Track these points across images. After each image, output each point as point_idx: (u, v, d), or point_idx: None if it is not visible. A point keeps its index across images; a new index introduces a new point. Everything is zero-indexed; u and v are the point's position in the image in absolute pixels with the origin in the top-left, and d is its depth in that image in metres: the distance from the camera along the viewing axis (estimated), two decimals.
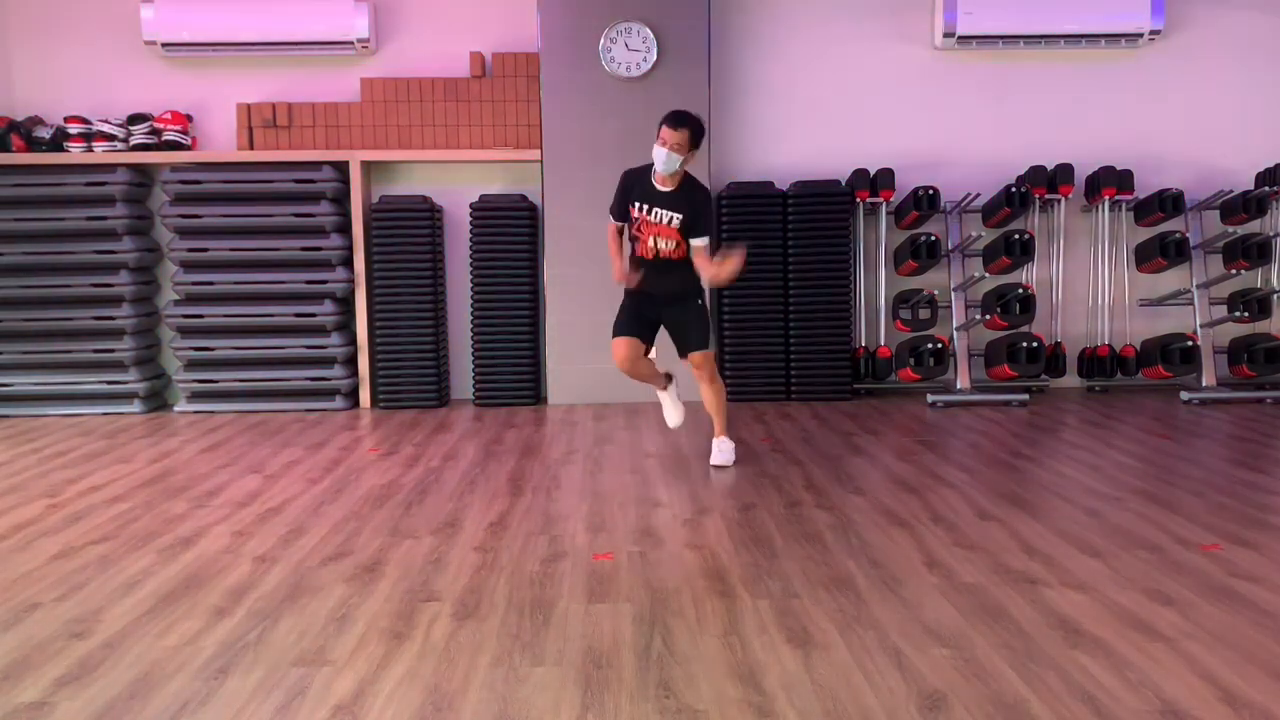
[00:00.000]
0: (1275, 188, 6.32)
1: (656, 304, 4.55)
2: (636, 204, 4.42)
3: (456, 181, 6.57)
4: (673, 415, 4.86)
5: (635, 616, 2.78)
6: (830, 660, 2.47)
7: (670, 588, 3.00)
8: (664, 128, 4.28)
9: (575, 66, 6.17)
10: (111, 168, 6.23)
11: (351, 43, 6.34)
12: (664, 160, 4.29)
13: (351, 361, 6.42)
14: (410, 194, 6.46)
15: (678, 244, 4.41)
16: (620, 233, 4.60)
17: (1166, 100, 6.62)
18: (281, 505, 4.02)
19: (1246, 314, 6.24)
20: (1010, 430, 5.36)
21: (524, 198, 6.41)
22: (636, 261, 4.50)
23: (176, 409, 6.33)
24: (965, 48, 6.50)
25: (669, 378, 4.81)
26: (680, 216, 4.35)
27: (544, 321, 6.36)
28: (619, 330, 4.57)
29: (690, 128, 4.27)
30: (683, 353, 4.62)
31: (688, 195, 4.38)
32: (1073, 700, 2.24)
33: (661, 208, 4.37)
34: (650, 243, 4.43)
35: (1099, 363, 6.51)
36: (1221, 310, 6.36)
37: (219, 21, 6.25)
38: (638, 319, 4.57)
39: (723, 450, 4.62)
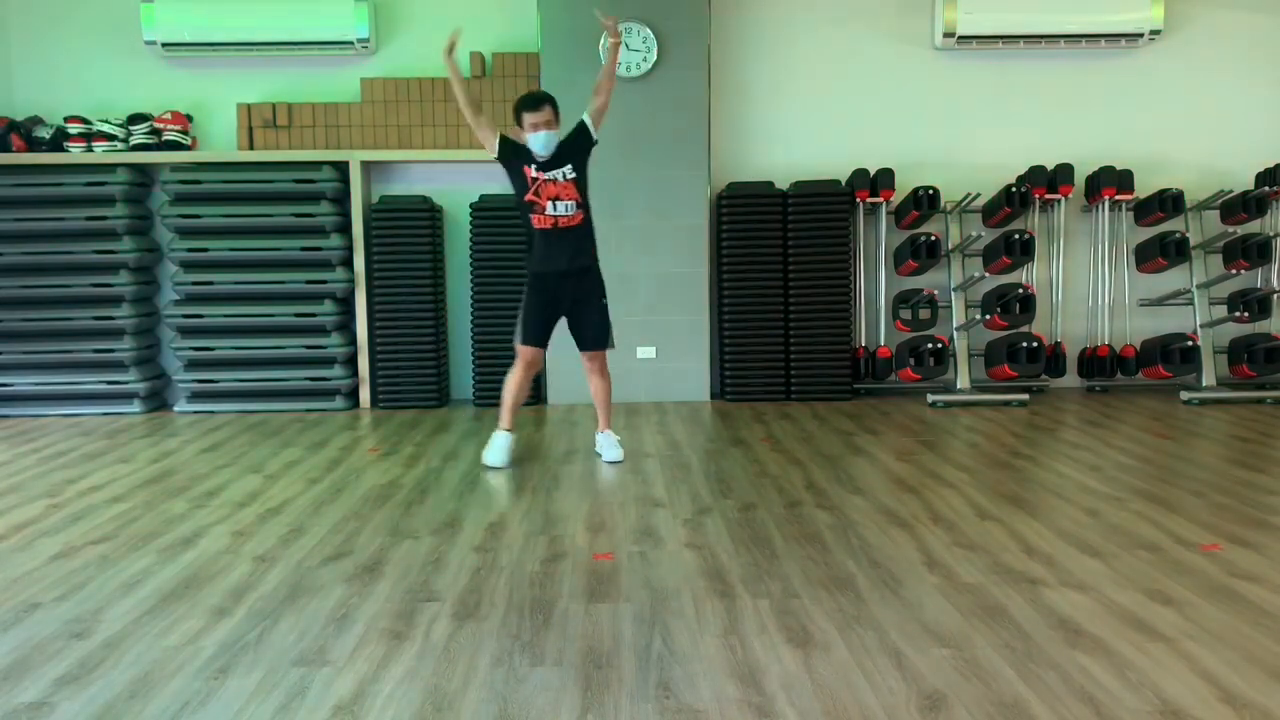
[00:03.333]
0: (1275, 188, 6.32)
1: (563, 297, 4.65)
2: (532, 167, 4.52)
3: (456, 181, 6.57)
4: (501, 455, 4.65)
5: (635, 616, 2.77)
6: (830, 660, 2.47)
7: (670, 588, 3.00)
8: (526, 114, 4.41)
9: (575, 66, 6.17)
10: (111, 168, 6.23)
11: (351, 43, 6.34)
12: (545, 142, 4.45)
13: (351, 361, 6.42)
14: (410, 194, 6.47)
15: (576, 207, 4.55)
16: (486, 124, 4.57)
17: (1166, 100, 6.62)
18: (281, 505, 4.02)
19: (1246, 314, 6.24)
20: (1010, 430, 5.36)
21: None
22: (538, 237, 4.59)
23: (176, 409, 6.33)
24: (965, 48, 6.50)
25: (513, 430, 4.75)
26: (571, 165, 4.52)
27: None
28: (530, 339, 4.66)
29: (549, 101, 4.46)
30: (582, 347, 4.76)
31: (567, 145, 4.54)
32: (1073, 700, 2.24)
33: (555, 168, 4.52)
34: (550, 208, 4.53)
35: (1099, 363, 6.51)
36: (1221, 310, 6.36)
37: (219, 21, 6.25)
38: (545, 325, 4.68)
39: (614, 444, 4.76)
